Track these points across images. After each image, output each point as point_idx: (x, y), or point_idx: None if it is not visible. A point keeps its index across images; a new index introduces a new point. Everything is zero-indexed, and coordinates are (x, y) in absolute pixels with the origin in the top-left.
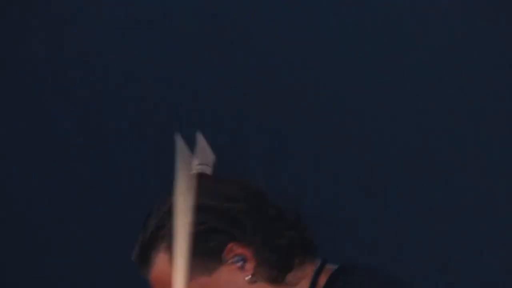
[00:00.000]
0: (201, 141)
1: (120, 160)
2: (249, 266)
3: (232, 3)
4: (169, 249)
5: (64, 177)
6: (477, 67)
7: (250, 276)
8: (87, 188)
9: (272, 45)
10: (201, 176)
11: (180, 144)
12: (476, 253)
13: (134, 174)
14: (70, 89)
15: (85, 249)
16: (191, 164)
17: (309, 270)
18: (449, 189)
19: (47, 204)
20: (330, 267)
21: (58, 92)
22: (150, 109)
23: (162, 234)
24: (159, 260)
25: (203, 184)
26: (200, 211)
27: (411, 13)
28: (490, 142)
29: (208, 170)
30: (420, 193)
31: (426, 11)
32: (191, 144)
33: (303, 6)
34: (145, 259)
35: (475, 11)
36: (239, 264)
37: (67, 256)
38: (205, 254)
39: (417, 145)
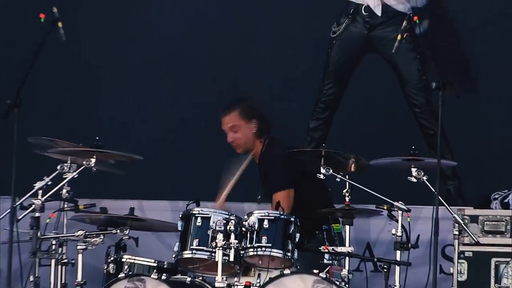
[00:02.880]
0: None
1: None
2: (255, 127)
3: None
4: (240, 115)
5: None
6: None
7: (254, 130)
8: None
9: None
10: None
11: None
12: None
13: None
14: None
15: None
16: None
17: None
18: None
19: None
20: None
21: None
22: None
23: (240, 105)
24: (234, 113)
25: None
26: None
27: None
28: None
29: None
30: None
31: None
32: None
33: None
34: (229, 108)
35: None
36: (254, 125)
37: None
38: (251, 118)
39: None
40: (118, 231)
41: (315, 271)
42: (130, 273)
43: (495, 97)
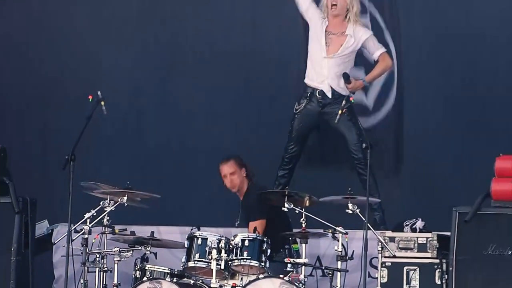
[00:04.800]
0: None
1: None
2: (244, 173)
3: None
4: (235, 163)
5: None
6: None
7: (244, 175)
8: None
9: None
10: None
11: None
12: None
13: None
14: None
15: None
16: None
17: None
18: None
19: None
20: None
21: None
22: None
23: (234, 157)
24: (232, 162)
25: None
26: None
27: None
28: None
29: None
30: None
31: None
32: None
33: None
34: (228, 158)
35: None
36: (244, 172)
37: None
38: (242, 166)
39: None
40: (143, 248)
41: (281, 276)
42: (151, 277)
43: (404, 155)
